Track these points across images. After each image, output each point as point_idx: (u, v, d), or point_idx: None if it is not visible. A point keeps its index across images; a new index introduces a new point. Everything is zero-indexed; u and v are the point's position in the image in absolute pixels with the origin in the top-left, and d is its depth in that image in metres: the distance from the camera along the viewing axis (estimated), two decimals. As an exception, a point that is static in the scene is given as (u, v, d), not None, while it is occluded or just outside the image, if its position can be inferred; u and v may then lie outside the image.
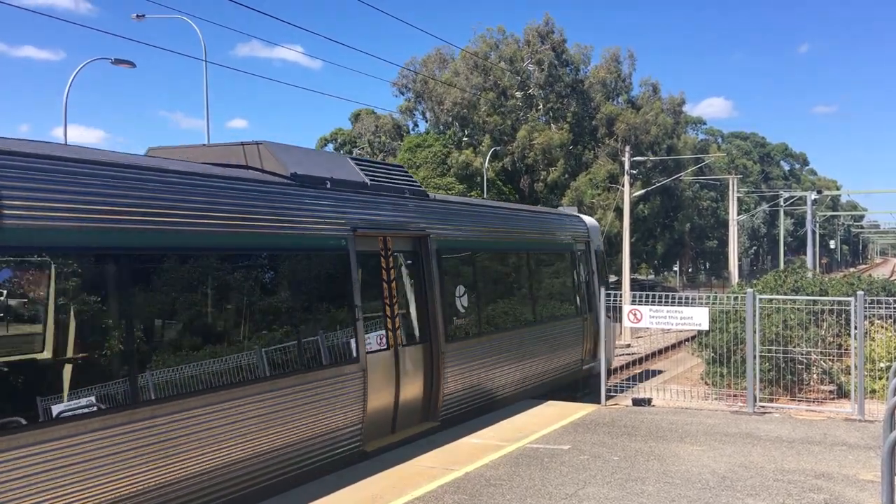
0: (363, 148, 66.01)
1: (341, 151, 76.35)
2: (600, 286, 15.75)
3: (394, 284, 10.92)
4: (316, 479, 8.82)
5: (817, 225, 74.92)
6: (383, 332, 10.57)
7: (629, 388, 13.98)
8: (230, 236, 8.26)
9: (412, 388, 11.13)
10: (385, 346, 10.55)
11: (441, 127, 56.22)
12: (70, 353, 6.71)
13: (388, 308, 10.72)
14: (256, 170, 9.54)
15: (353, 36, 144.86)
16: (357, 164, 11.20)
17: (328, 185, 10.05)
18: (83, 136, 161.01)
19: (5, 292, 6.40)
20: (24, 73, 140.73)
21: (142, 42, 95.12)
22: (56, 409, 6.40)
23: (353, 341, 9.71)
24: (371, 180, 10.98)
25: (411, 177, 12.56)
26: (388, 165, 12.82)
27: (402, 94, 59.08)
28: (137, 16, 32.15)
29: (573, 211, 19.48)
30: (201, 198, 8.02)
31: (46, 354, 6.62)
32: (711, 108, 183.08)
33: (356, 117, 68.12)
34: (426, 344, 11.41)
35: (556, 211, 20.30)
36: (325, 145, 78.77)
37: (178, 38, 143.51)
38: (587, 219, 18.18)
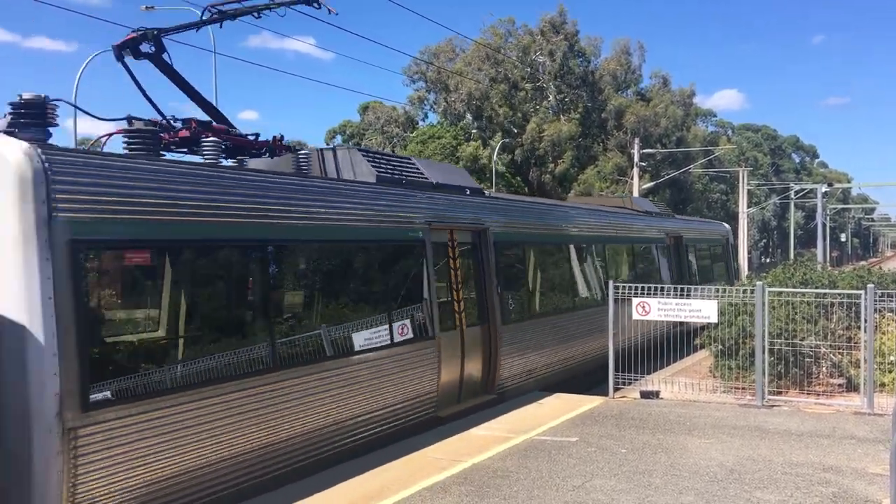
0: (372, 140, 65.92)
1: (350, 143, 76.38)
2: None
3: (459, 272, 12.23)
4: (390, 444, 9.99)
5: (828, 218, 74.58)
6: (451, 313, 11.91)
7: (637, 380, 13.95)
8: (340, 230, 9.83)
9: (474, 364, 12.48)
10: (452, 327, 11.88)
11: (451, 117, 56.13)
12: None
13: (454, 293, 12.06)
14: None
15: (363, 27, 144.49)
16: (424, 166, 12.80)
17: (404, 185, 11.61)
18: (94, 127, 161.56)
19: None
20: (37, 63, 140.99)
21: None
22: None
23: (429, 321, 11.14)
24: (436, 180, 12.50)
25: (469, 176, 14.56)
26: (450, 167, 15.99)
27: (414, 81, 58.95)
28: (147, 7, 32.23)
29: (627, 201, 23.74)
30: (332, 198, 9.89)
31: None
32: (724, 101, 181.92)
33: (364, 109, 68.07)
34: (485, 325, 12.71)
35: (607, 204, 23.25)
36: (334, 137, 78.71)
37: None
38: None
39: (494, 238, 13.09)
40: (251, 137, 10.62)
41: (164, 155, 8.78)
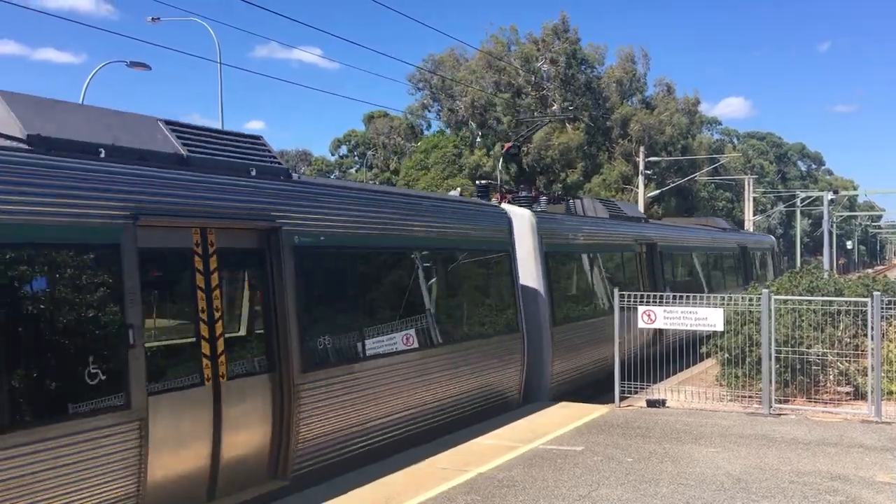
0: (377, 149, 66.05)
1: (354, 153, 76.51)
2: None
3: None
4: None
5: (834, 225, 74.42)
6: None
7: (643, 388, 13.90)
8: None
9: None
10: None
11: (455, 126, 56.21)
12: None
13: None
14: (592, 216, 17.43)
15: (367, 37, 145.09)
16: (620, 204, 17.74)
17: (621, 219, 17.21)
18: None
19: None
20: (45, 75, 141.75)
21: (159, 45, 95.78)
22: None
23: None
24: (629, 213, 17.62)
25: (637, 209, 19.89)
26: (629, 205, 20.11)
27: (419, 90, 59.03)
28: (153, 18, 32.40)
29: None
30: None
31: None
32: (730, 108, 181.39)
33: (369, 119, 68.22)
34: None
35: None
36: (339, 147, 78.89)
37: (195, 40, 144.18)
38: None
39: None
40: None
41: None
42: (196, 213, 7.93)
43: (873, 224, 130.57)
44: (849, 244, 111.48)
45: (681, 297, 14.02)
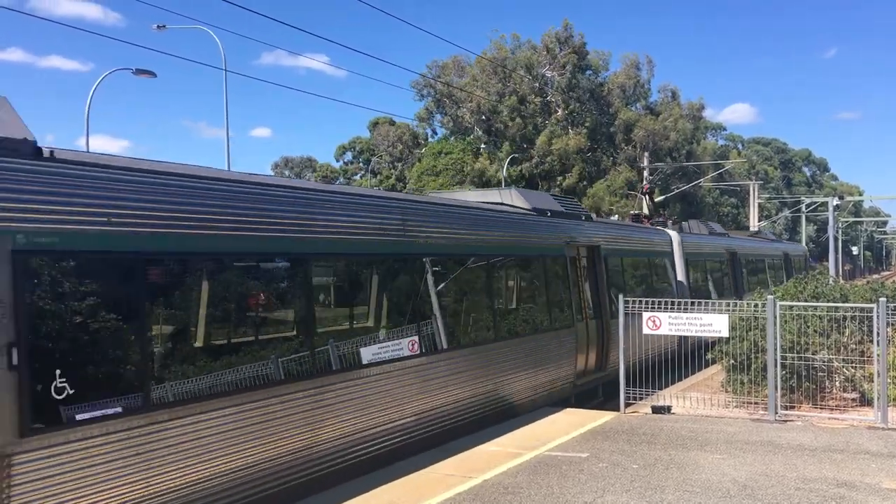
0: (381, 156, 66.08)
1: (359, 159, 76.61)
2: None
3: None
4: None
5: (839, 231, 74.18)
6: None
7: (649, 395, 13.88)
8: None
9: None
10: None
11: (460, 132, 56.25)
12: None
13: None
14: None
15: (372, 44, 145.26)
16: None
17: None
18: (107, 145, 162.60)
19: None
20: (52, 83, 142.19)
21: (166, 53, 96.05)
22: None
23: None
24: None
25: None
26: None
27: (423, 97, 59.13)
28: (158, 26, 32.52)
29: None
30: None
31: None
32: (735, 115, 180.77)
33: (374, 126, 68.32)
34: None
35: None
36: (343, 153, 78.96)
37: (203, 47, 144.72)
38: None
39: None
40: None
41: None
42: None
43: (879, 230, 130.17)
44: (854, 250, 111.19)
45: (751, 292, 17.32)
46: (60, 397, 6.29)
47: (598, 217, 23.54)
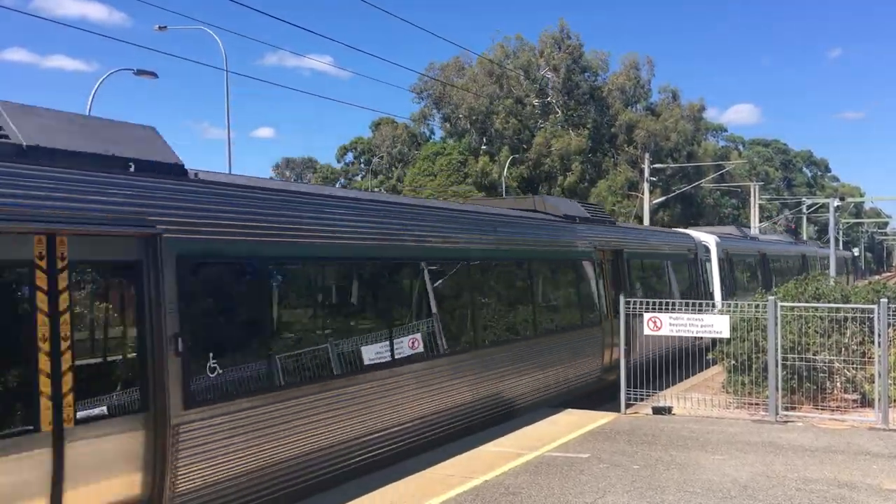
0: (382, 157, 66.10)
1: (361, 160, 76.64)
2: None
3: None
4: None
5: (840, 232, 74.14)
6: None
7: (649, 395, 13.87)
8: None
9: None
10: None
11: (457, 135, 56.28)
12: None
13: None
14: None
15: (375, 45, 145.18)
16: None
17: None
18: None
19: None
20: (55, 83, 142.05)
21: (169, 54, 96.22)
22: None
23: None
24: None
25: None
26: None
27: (422, 99, 59.22)
28: (160, 27, 32.59)
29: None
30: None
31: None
32: (739, 115, 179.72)
33: (376, 126, 68.37)
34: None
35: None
36: (345, 154, 78.95)
37: (206, 48, 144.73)
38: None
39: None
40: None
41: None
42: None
43: (880, 231, 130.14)
44: (855, 251, 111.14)
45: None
46: (212, 376, 7.49)
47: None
